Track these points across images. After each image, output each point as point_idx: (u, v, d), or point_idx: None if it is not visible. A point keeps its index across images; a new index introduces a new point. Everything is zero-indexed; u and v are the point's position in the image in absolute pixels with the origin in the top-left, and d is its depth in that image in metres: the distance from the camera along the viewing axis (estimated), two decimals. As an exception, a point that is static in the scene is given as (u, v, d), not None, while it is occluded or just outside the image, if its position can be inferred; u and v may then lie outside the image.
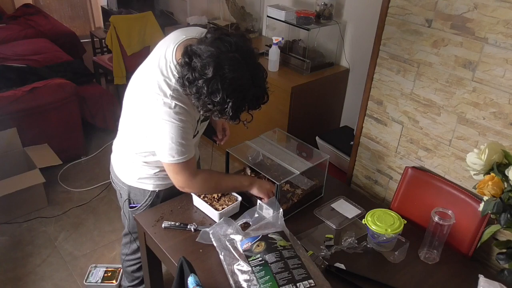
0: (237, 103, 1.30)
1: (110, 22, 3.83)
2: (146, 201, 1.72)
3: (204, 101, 1.30)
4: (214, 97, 1.27)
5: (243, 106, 1.33)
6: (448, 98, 1.65)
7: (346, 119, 3.12)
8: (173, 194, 1.75)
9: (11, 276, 2.38)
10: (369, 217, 1.53)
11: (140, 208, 1.74)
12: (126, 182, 1.72)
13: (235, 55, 1.27)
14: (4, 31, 4.34)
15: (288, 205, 1.67)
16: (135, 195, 1.73)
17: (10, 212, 2.74)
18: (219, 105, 1.29)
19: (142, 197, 1.72)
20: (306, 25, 2.80)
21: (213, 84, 1.26)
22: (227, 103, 1.28)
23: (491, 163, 1.23)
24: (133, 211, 1.76)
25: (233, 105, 1.28)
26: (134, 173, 1.69)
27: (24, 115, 2.95)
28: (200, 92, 1.28)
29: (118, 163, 1.76)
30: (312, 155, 1.79)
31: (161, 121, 1.40)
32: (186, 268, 1.26)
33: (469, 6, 1.49)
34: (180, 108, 1.40)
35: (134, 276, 2.05)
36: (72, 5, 5.74)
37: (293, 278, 1.28)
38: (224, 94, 1.26)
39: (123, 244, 1.99)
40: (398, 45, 1.75)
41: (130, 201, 1.75)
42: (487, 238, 1.26)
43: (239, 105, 1.31)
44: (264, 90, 1.36)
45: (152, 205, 1.73)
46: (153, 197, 1.72)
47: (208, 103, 1.30)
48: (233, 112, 1.31)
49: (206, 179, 1.58)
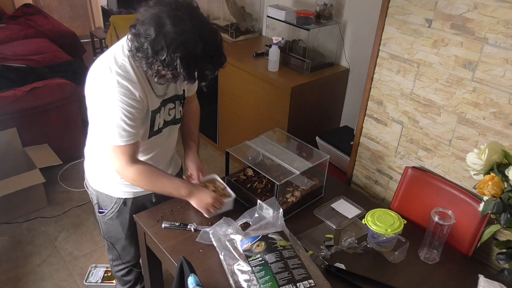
0: (186, 60, 1.24)
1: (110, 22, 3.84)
2: (113, 208, 1.69)
3: (153, 64, 1.27)
4: (161, 56, 1.23)
5: (195, 64, 1.28)
6: (448, 98, 1.65)
7: (346, 119, 3.12)
8: (145, 206, 1.71)
9: (11, 276, 2.38)
10: (369, 217, 1.53)
11: (107, 214, 1.70)
12: (94, 187, 1.70)
13: (176, 13, 1.25)
14: (4, 31, 4.34)
15: (288, 205, 1.67)
16: (103, 201, 1.70)
17: (10, 212, 2.74)
18: (168, 65, 1.25)
19: (109, 203, 1.68)
20: (306, 25, 2.80)
21: (157, 43, 1.24)
22: (175, 60, 1.23)
23: (491, 163, 1.23)
24: (102, 216, 1.73)
25: (181, 62, 1.23)
26: (101, 178, 1.67)
27: (24, 115, 2.95)
28: (147, 55, 1.26)
29: (87, 168, 1.73)
30: (312, 155, 1.79)
31: (103, 99, 1.37)
32: (186, 268, 1.26)
33: (469, 6, 1.49)
34: (124, 88, 1.35)
35: (125, 280, 2.01)
36: (72, 5, 5.73)
37: (293, 278, 1.28)
38: (169, 51, 1.23)
39: (107, 250, 1.95)
40: (398, 45, 1.75)
41: (99, 206, 1.72)
42: (487, 238, 1.26)
43: (188, 62, 1.25)
44: (215, 46, 1.30)
45: (120, 213, 1.69)
46: (119, 205, 1.67)
47: (158, 65, 1.26)
48: (186, 71, 1.26)
49: (142, 173, 1.47)
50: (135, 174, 1.47)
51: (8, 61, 3.64)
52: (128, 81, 1.36)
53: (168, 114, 1.56)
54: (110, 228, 1.75)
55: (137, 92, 1.38)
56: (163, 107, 1.53)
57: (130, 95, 1.36)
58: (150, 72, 1.32)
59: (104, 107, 1.38)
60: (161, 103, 1.52)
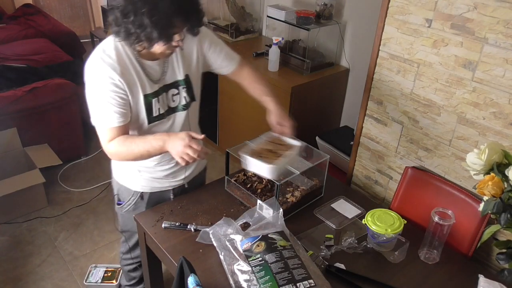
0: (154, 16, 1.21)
1: (110, 22, 3.83)
2: (130, 201, 1.72)
3: (129, 32, 1.26)
4: (129, 17, 1.23)
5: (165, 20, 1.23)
6: (448, 98, 1.65)
7: (346, 119, 3.12)
8: (162, 200, 1.73)
9: (11, 276, 2.38)
10: (369, 217, 1.53)
11: (124, 206, 1.74)
12: (116, 178, 1.74)
13: None
14: (4, 31, 4.34)
15: (288, 205, 1.67)
16: (122, 193, 1.74)
17: (10, 212, 2.74)
18: (140, 26, 1.23)
19: (127, 196, 1.72)
20: (306, 25, 2.80)
21: (125, 7, 1.24)
22: (143, 19, 1.21)
23: (491, 163, 1.23)
24: (119, 208, 1.76)
25: (150, 19, 1.21)
26: (122, 170, 1.70)
27: (24, 115, 2.95)
28: (120, 23, 1.26)
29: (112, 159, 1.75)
30: (312, 155, 1.79)
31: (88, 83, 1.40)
32: (186, 268, 1.26)
33: (469, 6, 1.49)
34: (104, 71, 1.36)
35: (131, 276, 2.05)
36: (72, 5, 5.73)
37: (293, 278, 1.28)
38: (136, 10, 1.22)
39: (121, 242, 2.00)
40: (398, 45, 1.75)
41: (118, 197, 1.76)
42: (487, 238, 1.26)
43: (158, 19, 1.22)
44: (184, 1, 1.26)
45: (136, 206, 1.72)
46: (136, 198, 1.70)
47: (129, 29, 1.25)
48: (157, 29, 1.22)
49: (118, 142, 1.43)
50: (113, 150, 1.44)
51: (8, 61, 3.64)
52: (108, 65, 1.37)
53: (172, 100, 1.55)
54: (126, 221, 1.79)
55: (117, 75, 1.37)
56: (165, 93, 1.52)
57: (110, 79, 1.37)
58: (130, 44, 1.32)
59: (89, 91, 1.41)
60: (160, 88, 1.50)
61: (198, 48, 1.58)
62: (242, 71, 1.73)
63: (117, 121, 1.41)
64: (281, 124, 1.61)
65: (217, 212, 1.68)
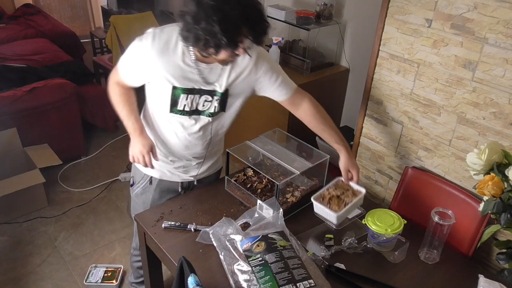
0: (224, 24, 1.25)
1: (110, 22, 3.83)
2: (140, 183, 1.77)
3: (195, 34, 1.30)
4: (200, 24, 1.28)
5: (233, 28, 1.28)
6: (448, 98, 1.65)
7: (346, 119, 3.12)
8: (171, 190, 1.77)
9: (11, 276, 2.38)
10: (369, 217, 1.53)
11: (134, 188, 1.80)
12: None
13: None
14: (4, 31, 4.34)
15: (288, 205, 1.67)
16: (136, 174, 1.79)
17: (10, 212, 2.74)
18: (209, 32, 1.27)
19: (139, 178, 1.77)
20: (306, 25, 2.80)
21: (197, 13, 1.28)
22: (214, 26, 1.25)
23: (491, 163, 1.23)
24: (131, 190, 1.82)
25: (220, 26, 1.25)
26: None
27: (24, 115, 2.95)
28: (190, 27, 1.31)
29: None
30: (312, 155, 1.79)
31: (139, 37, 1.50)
32: (186, 268, 1.26)
33: (469, 6, 1.49)
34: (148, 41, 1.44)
35: (139, 273, 2.06)
36: (72, 5, 5.73)
37: (293, 278, 1.28)
38: (208, 17, 1.26)
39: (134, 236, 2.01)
40: (398, 45, 1.75)
41: (133, 179, 1.81)
42: (487, 238, 1.26)
43: (227, 26, 1.26)
44: (255, 11, 1.31)
45: (144, 190, 1.77)
46: (145, 182, 1.75)
47: (200, 34, 1.29)
48: (226, 36, 1.26)
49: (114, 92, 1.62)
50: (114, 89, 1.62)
51: (8, 61, 3.64)
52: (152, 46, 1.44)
53: (202, 105, 1.56)
54: (135, 206, 1.83)
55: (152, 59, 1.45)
56: (198, 95, 1.53)
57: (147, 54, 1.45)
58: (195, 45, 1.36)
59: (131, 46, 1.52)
60: (197, 89, 1.52)
61: (253, 70, 1.57)
62: (301, 103, 1.70)
63: (127, 78, 1.57)
64: (350, 171, 1.67)
65: (217, 212, 1.68)
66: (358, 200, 1.61)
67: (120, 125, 3.70)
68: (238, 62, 1.51)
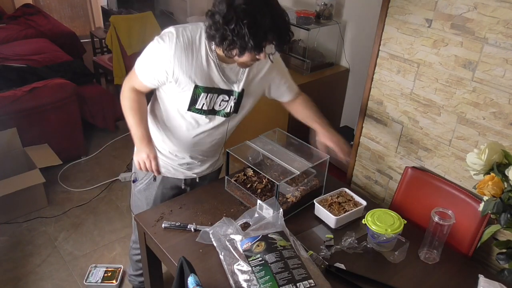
0: (254, 29, 1.30)
1: (110, 22, 3.83)
2: (143, 179, 1.78)
3: (223, 34, 1.33)
4: (230, 25, 1.31)
5: (262, 34, 1.33)
6: (448, 98, 1.65)
7: (346, 119, 3.12)
8: (174, 187, 1.79)
9: (11, 276, 2.38)
10: (369, 217, 1.53)
11: (137, 184, 1.80)
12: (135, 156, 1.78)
13: None
14: (4, 31, 4.34)
15: (288, 205, 1.67)
16: (138, 171, 1.77)
17: (10, 212, 2.74)
18: (238, 34, 1.31)
19: (142, 174, 1.77)
20: (306, 25, 2.80)
21: (228, 14, 1.31)
22: (243, 29, 1.30)
23: (491, 163, 1.23)
24: (133, 186, 1.83)
25: (249, 30, 1.30)
26: None
27: (24, 115, 2.95)
28: (219, 27, 1.33)
29: None
30: (312, 155, 1.79)
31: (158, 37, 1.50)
32: (186, 268, 1.26)
33: (469, 6, 1.49)
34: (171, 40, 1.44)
35: (138, 266, 2.09)
36: (72, 5, 5.74)
37: (293, 278, 1.28)
38: (238, 19, 1.30)
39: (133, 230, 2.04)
40: (398, 45, 1.75)
41: (135, 175, 1.82)
42: (487, 238, 1.26)
43: (256, 32, 1.31)
44: (283, 21, 1.37)
45: (147, 187, 1.78)
46: (149, 178, 1.76)
47: (228, 35, 1.33)
48: (253, 40, 1.31)
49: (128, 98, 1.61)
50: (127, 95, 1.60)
51: (8, 61, 3.64)
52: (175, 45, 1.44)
53: (219, 104, 1.60)
54: (137, 201, 1.84)
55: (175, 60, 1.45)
56: (217, 95, 1.56)
57: (167, 55, 1.45)
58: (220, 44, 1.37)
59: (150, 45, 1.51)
60: (216, 89, 1.55)
61: (268, 71, 1.65)
62: (296, 99, 1.82)
63: (145, 80, 1.55)
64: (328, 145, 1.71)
65: (217, 212, 1.68)
66: (358, 210, 1.67)
67: (120, 125, 3.70)
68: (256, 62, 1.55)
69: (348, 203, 1.71)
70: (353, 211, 1.66)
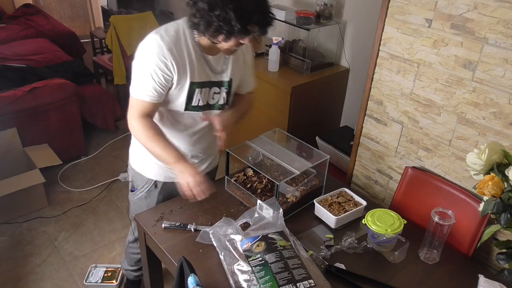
0: (239, 12, 1.31)
1: (110, 22, 3.83)
2: (143, 188, 1.76)
3: (208, 21, 1.34)
4: (216, 11, 1.31)
5: (248, 17, 1.34)
6: (448, 98, 1.65)
7: (346, 119, 3.12)
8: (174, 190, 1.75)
9: (11, 276, 2.38)
10: (369, 217, 1.53)
11: (137, 193, 1.78)
12: (132, 165, 1.77)
13: None
14: (4, 31, 4.34)
15: (288, 205, 1.67)
16: (136, 180, 1.78)
17: (10, 212, 2.74)
18: (224, 19, 1.31)
19: (141, 183, 1.76)
20: (306, 25, 2.80)
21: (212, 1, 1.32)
22: (229, 13, 1.30)
23: (491, 163, 1.23)
24: (132, 195, 1.80)
25: (235, 14, 1.30)
26: (138, 157, 1.73)
27: (24, 115, 2.95)
28: (204, 14, 1.33)
29: (131, 145, 1.80)
30: (312, 155, 1.79)
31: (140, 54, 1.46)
32: (186, 268, 1.26)
33: (469, 6, 1.49)
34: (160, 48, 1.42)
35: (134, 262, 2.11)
36: (72, 5, 5.74)
37: (293, 278, 1.28)
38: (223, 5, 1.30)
39: (129, 232, 2.04)
40: (398, 45, 1.75)
41: (132, 184, 1.80)
42: (487, 238, 1.26)
43: (242, 15, 1.32)
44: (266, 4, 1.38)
45: (148, 194, 1.76)
46: (150, 186, 1.75)
47: (213, 20, 1.33)
48: (239, 24, 1.32)
49: (145, 126, 1.51)
50: (136, 128, 1.52)
51: (8, 61, 3.64)
52: (165, 43, 1.42)
53: (212, 98, 1.60)
54: (137, 209, 1.81)
55: (170, 56, 1.43)
56: (208, 88, 1.57)
57: (162, 57, 1.43)
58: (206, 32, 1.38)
59: (138, 61, 1.47)
60: (208, 82, 1.56)
61: (245, 60, 1.67)
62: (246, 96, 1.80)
63: (150, 97, 1.48)
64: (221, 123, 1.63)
65: (217, 212, 1.68)
66: (358, 210, 1.68)
67: (120, 125, 3.71)
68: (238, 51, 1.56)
69: (348, 203, 1.71)
70: (353, 211, 1.66)
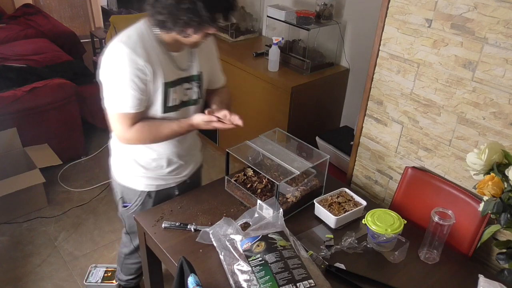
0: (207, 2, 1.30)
1: (110, 22, 3.83)
2: (137, 201, 1.73)
3: (176, 15, 1.32)
4: (183, 4, 1.30)
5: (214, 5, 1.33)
6: (448, 98, 1.65)
7: (346, 119, 3.12)
8: (168, 196, 1.76)
9: (11, 276, 2.38)
10: (369, 217, 1.53)
11: (131, 207, 1.75)
12: (118, 181, 1.74)
13: None
14: (4, 31, 4.34)
15: (288, 205, 1.67)
16: (127, 194, 1.75)
17: (10, 212, 2.74)
18: (192, 11, 1.30)
19: (134, 197, 1.73)
20: (306, 25, 2.80)
21: None
22: (197, 4, 1.29)
23: (491, 163, 1.23)
24: (126, 210, 1.78)
25: (204, 4, 1.29)
26: (126, 172, 1.71)
27: (24, 115, 2.95)
28: (170, 10, 1.31)
29: (112, 161, 1.77)
30: (312, 155, 1.79)
31: (109, 67, 1.41)
32: (186, 268, 1.26)
33: (469, 6, 1.49)
34: (128, 55, 1.38)
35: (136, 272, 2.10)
36: (72, 5, 5.73)
37: (293, 278, 1.28)
38: None
39: (123, 243, 2.01)
40: (398, 45, 1.75)
41: (123, 200, 1.77)
42: (487, 238, 1.26)
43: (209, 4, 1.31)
44: None
45: (143, 206, 1.74)
46: (143, 198, 1.73)
47: (181, 15, 1.31)
48: (209, 12, 1.31)
49: (142, 128, 1.49)
50: (136, 133, 1.50)
51: (8, 61, 3.64)
52: (132, 49, 1.39)
53: (184, 94, 1.59)
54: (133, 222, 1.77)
55: (142, 60, 1.40)
56: (180, 85, 1.56)
57: (133, 63, 1.39)
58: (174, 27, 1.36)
59: (110, 76, 1.42)
60: (179, 79, 1.54)
61: (210, 53, 1.67)
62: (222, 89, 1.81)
63: (134, 107, 1.45)
64: None
65: (217, 212, 1.68)
66: (358, 210, 1.68)
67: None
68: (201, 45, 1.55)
69: (348, 203, 1.71)
70: (353, 211, 1.66)
